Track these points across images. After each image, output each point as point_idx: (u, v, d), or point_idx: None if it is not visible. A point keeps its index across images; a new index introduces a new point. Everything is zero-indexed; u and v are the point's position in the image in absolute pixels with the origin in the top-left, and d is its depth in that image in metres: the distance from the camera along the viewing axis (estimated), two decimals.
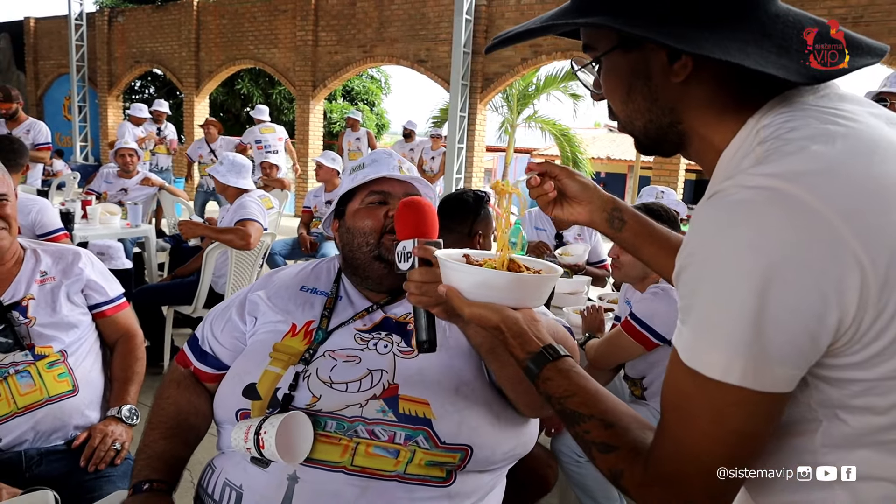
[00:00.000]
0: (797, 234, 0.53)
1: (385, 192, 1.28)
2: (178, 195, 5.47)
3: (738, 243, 0.55)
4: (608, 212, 0.98)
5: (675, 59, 0.65)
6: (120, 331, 1.76)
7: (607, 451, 0.69)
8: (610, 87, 0.73)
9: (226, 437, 1.20)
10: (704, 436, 0.61)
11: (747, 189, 0.56)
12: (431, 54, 10.07)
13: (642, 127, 0.73)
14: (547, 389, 0.77)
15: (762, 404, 0.58)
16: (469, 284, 0.83)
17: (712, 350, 0.58)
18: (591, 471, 1.98)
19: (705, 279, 0.58)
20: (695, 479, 0.62)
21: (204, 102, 13.21)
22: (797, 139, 0.58)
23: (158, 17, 13.47)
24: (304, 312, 1.25)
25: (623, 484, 0.68)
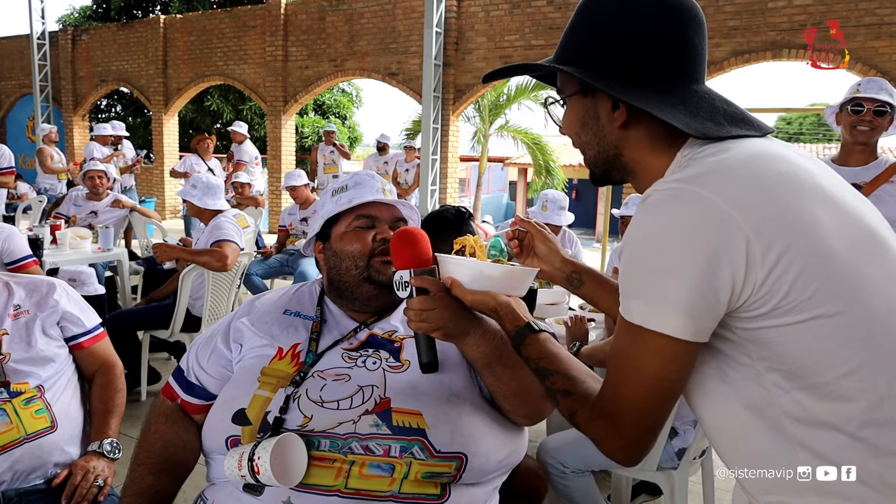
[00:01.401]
0: (692, 214, 0.71)
1: (372, 216, 1.31)
2: (150, 216, 5.39)
3: (650, 224, 0.75)
4: (567, 273, 1.17)
5: (616, 108, 0.84)
6: (98, 362, 1.72)
7: (566, 395, 0.89)
8: (568, 123, 0.93)
9: (216, 468, 1.18)
10: (631, 380, 0.78)
11: (659, 191, 0.76)
12: (402, 67, 10.09)
13: (593, 156, 0.91)
14: (527, 353, 0.96)
15: (673, 352, 0.74)
16: (469, 276, 1.01)
17: (639, 303, 0.75)
18: (576, 482, 1.99)
19: (634, 255, 0.76)
20: (625, 414, 0.79)
21: (173, 120, 13.04)
22: (700, 157, 0.78)
23: (124, 35, 13.29)
24: (290, 336, 1.26)
25: (577, 419, 0.87)
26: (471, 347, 1.08)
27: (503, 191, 22.00)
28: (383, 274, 1.25)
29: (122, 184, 7.77)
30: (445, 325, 1.03)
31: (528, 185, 18.61)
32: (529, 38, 9.04)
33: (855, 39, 7.09)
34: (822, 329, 0.70)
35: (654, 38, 0.82)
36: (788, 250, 0.69)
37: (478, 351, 1.08)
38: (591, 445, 2.08)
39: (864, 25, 7.05)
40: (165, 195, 13.03)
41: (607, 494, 2.36)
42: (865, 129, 2.39)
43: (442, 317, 1.02)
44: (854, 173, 2.40)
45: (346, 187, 1.35)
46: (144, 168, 13.20)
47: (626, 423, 0.80)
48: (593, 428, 0.84)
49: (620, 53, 0.83)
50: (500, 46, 9.29)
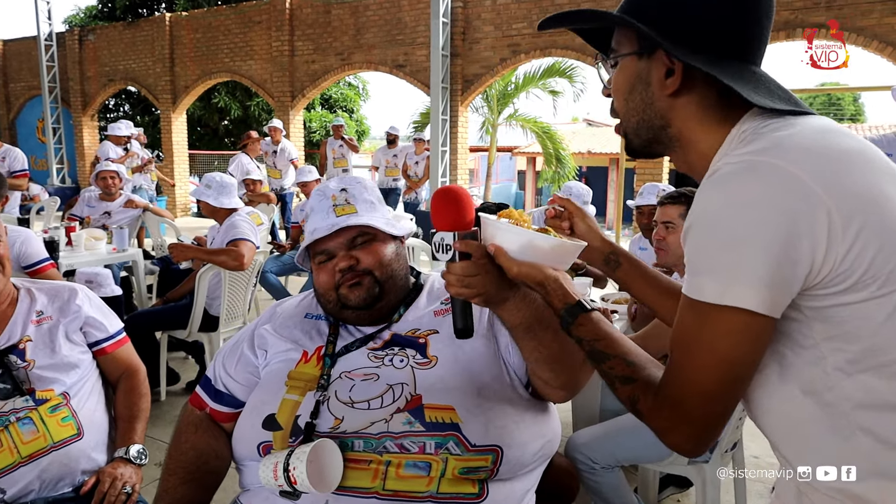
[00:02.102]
0: (771, 185, 0.68)
1: (326, 250, 1.26)
2: (163, 216, 5.39)
3: (724, 196, 0.71)
4: (606, 254, 1.13)
5: (669, 75, 0.81)
6: (122, 367, 1.70)
7: (626, 382, 0.83)
8: (617, 84, 0.87)
9: (248, 475, 1.17)
10: (700, 364, 0.74)
11: (730, 164, 0.72)
12: (409, 59, 10.03)
13: (636, 124, 0.87)
14: (579, 334, 0.90)
15: (749, 329, 0.70)
16: (517, 245, 0.95)
17: (713, 279, 0.71)
18: (605, 478, 1.96)
19: (705, 230, 0.72)
20: (693, 401, 0.74)
21: (181, 118, 13.07)
22: (766, 131, 0.75)
23: (130, 34, 13.30)
24: (313, 339, 1.26)
25: (639, 408, 0.81)
26: (510, 313, 1.04)
27: (512, 180, 21.92)
28: (351, 299, 1.23)
29: (133, 184, 7.75)
30: (488, 292, 0.98)
31: (537, 174, 18.52)
32: (537, 26, 8.94)
33: (871, 16, 6.96)
34: (880, 307, 0.69)
35: (725, 9, 0.78)
36: (867, 226, 0.68)
37: (518, 316, 1.04)
38: (620, 439, 2.05)
39: (879, 2, 6.91)
40: (176, 194, 13.08)
41: (634, 487, 2.32)
42: None
43: (484, 282, 0.97)
44: None
45: (307, 214, 1.34)
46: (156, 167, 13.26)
47: (695, 412, 0.75)
48: (657, 417, 0.79)
49: (686, 19, 0.79)
50: (508, 35, 9.20)
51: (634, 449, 1.99)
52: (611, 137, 18.76)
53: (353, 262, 1.23)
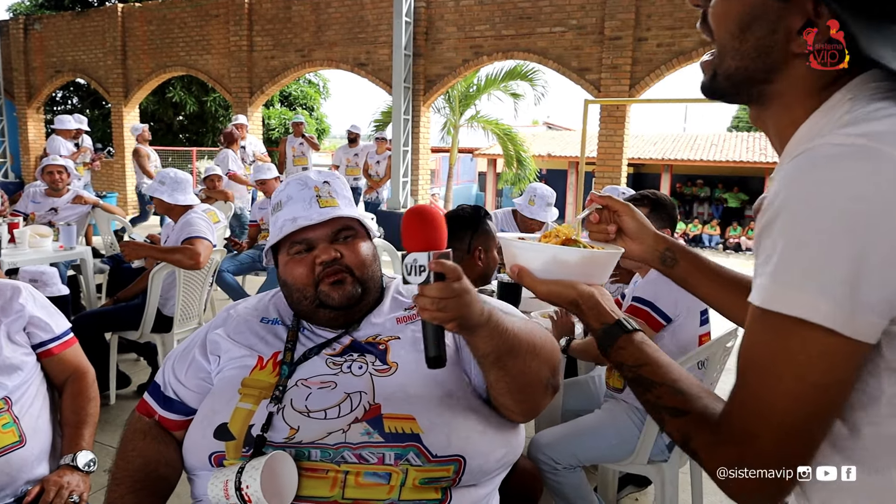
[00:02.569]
0: (888, 183, 0.55)
1: (307, 240, 1.20)
2: (113, 212, 5.20)
3: (831, 190, 0.57)
4: (661, 251, 1.00)
5: (803, 30, 0.65)
6: (69, 370, 1.62)
7: (677, 415, 0.72)
8: (730, 9, 0.70)
9: (200, 485, 1.12)
10: (783, 390, 0.61)
11: (836, 146, 0.59)
12: (371, 57, 9.96)
13: (732, 67, 0.71)
14: (620, 358, 0.80)
15: (846, 354, 0.58)
16: (541, 263, 0.85)
17: (800, 289, 0.58)
18: (567, 478, 1.97)
19: (796, 224, 0.59)
20: (768, 435, 0.62)
21: (134, 112, 12.66)
22: (880, 109, 0.61)
23: (80, 25, 12.81)
24: (269, 344, 1.21)
25: (693, 446, 0.70)
26: (483, 341, 0.97)
27: (473, 181, 22.00)
28: (333, 297, 1.17)
29: (87, 182, 7.48)
30: (463, 316, 0.90)
31: (497, 175, 18.64)
32: (500, 28, 9.00)
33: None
34: None
35: None
36: None
37: (490, 344, 0.98)
38: (581, 440, 2.06)
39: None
40: (127, 190, 12.66)
41: (594, 486, 2.34)
42: None
43: (460, 306, 0.89)
44: None
45: (280, 204, 1.23)
46: (105, 162, 12.80)
47: (769, 450, 0.62)
48: (720, 456, 0.65)
49: None
50: (471, 36, 9.23)
51: (596, 449, 2.01)
52: (570, 141, 19.04)
53: (336, 255, 1.18)
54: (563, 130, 23.33)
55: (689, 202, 17.87)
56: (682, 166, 17.26)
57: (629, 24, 8.18)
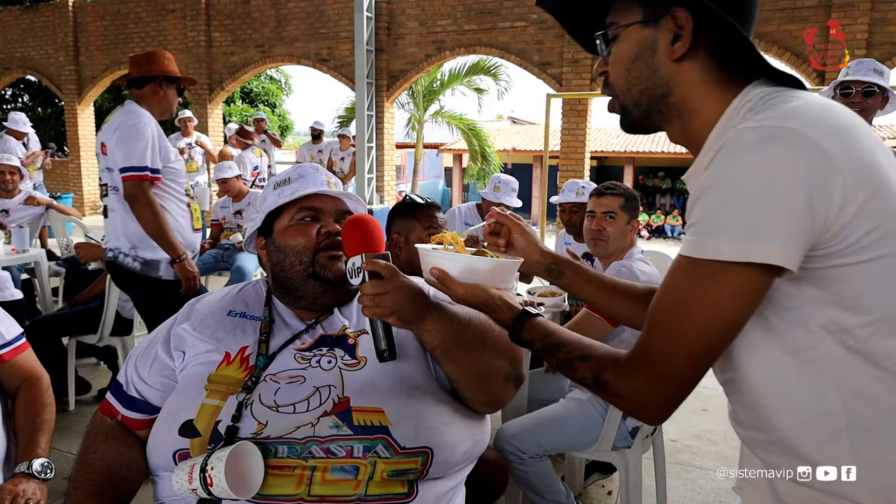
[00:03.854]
0: (794, 150, 0.70)
1: (316, 209, 1.26)
2: (68, 213, 5.04)
3: (750, 160, 0.71)
4: (546, 264, 1.12)
5: (676, 40, 0.81)
6: (22, 376, 1.57)
7: (587, 359, 0.85)
8: (619, 55, 0.87)
9: (163, 486, 1.10)
10: (694, 323, 0.74)
11: (750, 129, 0.72)
12: (333, 53, 9.87)
13: (637, 94, 0.86)
14: (529, 336, 0.93)
15: (756, 288, 0.72)
16: (457, 270, 0.98)
17: (736, 237, 0.70)
18: (534, 467, 2.00)
19: (727, 191, 0.71)
20: (677, 360, 0.75)
21: (88, 110, 12.30)
22: (776, 101, 0.76)
23: (29, 20, 12.37)
24: (237, 338, 1.19)
25: (604, 379, 0.81)
26: (429, 333, 1.04)
27: (439, 177, 22.01)
28: (329, 270, 1.20)
29: (38, 183, 7.19)
30: (401, 309, 0.98)
31: (463, 170, 18.68)
32: (462, 23, 9.01)
33: (771, 23, 7.44)
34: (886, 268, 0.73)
35: None
36: (870, 194, 0.71)
37: (436, 336, 1.04)
38: (547, 429, 2.09)
39: (779, 10, 7.40)
40: (84, 190, 12.30)
41: (561, 475, 2.38)
42: (856, 111, 2.41)
43: (396, 300, 0.97)
44: None
45: (288, 180, 1.29)
46: (59, 162, 12.41)
47: (675, 371, 0.75)
48: (629, 381, 0.79)
49: None
50: (433, 31, 9.22)
51: (561, 438, 2.04)
52: (534, 135, 19.17)
53: (339, 229, 1.21)
54: (527, 125, 23.47)
55: (652, 194, 18.19)
56: (645, 159, 17.57)
57: None
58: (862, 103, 2.40)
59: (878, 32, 6.94)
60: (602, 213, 2.24)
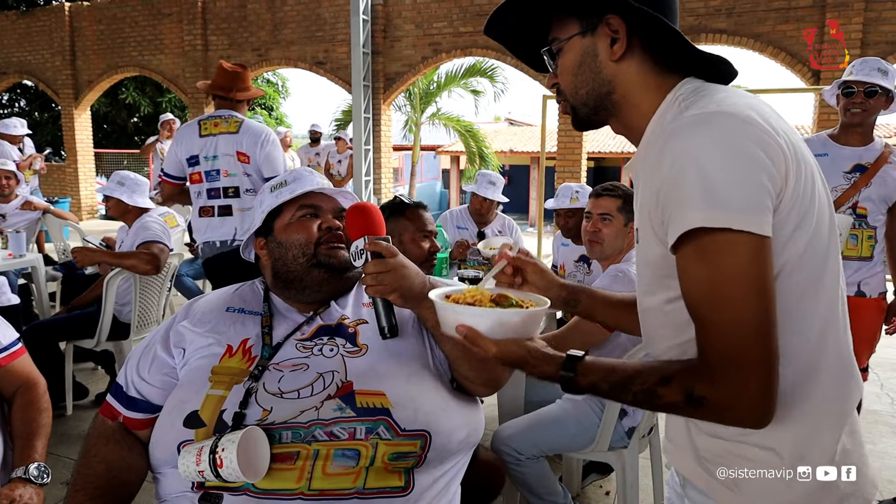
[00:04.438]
0: (741, 127, 0.76)
1: (316, 206, 1.33)
2: (65, 218, 5.04)
3: (702, 140, 0.76)
4: (563, 297, 1.14)
5: (614, 43, 0.89)
6: (18, 381, 1.57)
7: (668, 381, 0.79)
8: (565, 65, 0.95)
9: (166, 483, 1.12)
10: (739, 298, 0.73)
11: (689, 118, 0.79)
12: (330, 56, 9.88)
13: (585, 95, 0.94)
14: (590, 381, 0.86)
15: (759, 248, 0.74)
16: (486, 326, 0.90)
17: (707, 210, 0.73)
18: (531, 468, 2.00)
19: (683, 173, 0.75)
20: (749, 342, 0.73)
21: (85, 114, 12.29)
22: (707, 93, 0.84)
23: (25, 24, 12.37)
24: (237, 331, 1.24)
25: (697, 395, 0.76)
26: (429, 310, 1.06)
27: (436, 179, 22.02)
28: (332, 258, 1.27)
29: (33, 188, 7.15)
30: (402, 287, 1.05)
31: (461, 172, 18.69)
32: (458, 25, 9.02)
33: (766, 23, 7.46)
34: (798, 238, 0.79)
35: None
36: (799, 169, 0.79)
37: (435, 316, 1.05)
38: (544, 430, 2.09)
39: (773, 10, 7.42)
40: (81, 195, 12.29)
41: (559, 476, 2.39)
42: (858, 111, 2.38)
43: (397, 278, 1.04)
44: (858, 153, 2.42)
45: (285, 182, 1.35)
46: (56, 167, 12.41)
47: (755, 354, 0.73)
48: (725, 385, 0.74)
49: None
50: (429, 34, 9.23)
51: (558, 438, 2.04)
52: (532, 136, 19.19)
53: (340, 225, 1.31)
54: (524, 126, 23.50)
55: None
56: None
57: None
58: (864, 103, 2.37)
59: (873, 32, 6.97)
60: (598, 215, 2.22)
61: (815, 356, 0.81)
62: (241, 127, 3.05)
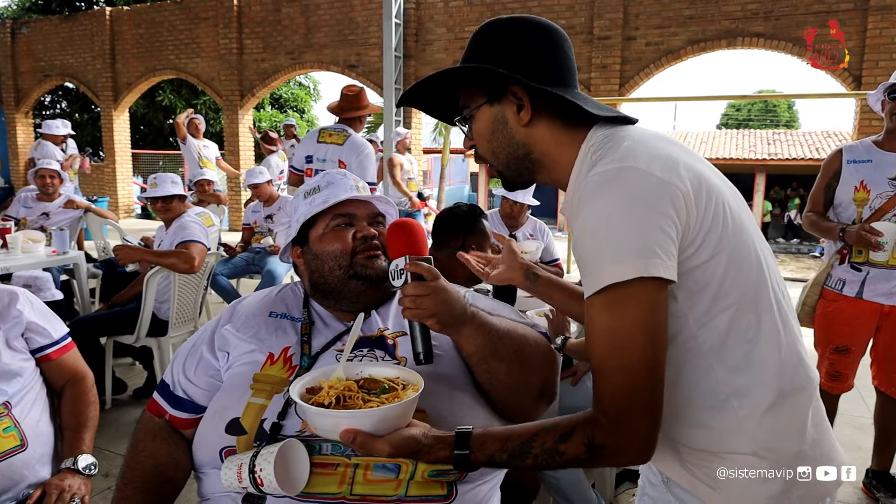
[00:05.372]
0: (641, 181, 0.81)
1: (350, 214, 1.29)
2: (106, 216, 5.17)
3: (608, 197, 0.82)
4: (524, 271, 1.29)
5: (520, 110, 0.94)
6: (68, 374, 1.62)
7: (568, 435, 0.83)
8: (479, 132, 0.99)
9: (208, 483, 1.13)
10: (635, 344, 0.79)
11: (598, 174, 0.84)
12: (362, 59, 9.96)
13: (504, 159, 0.98)
14: (486, 454, 0.88)
15: (658, 293, 0.79)
16: (373, 425, 0.90)
17: (615, 264, 0.79)
18: (564, 474, 1.99)
19: (599, 228, 0.81)
20: (642, 381, 0.79)
21: (123, 116, 12.60)
22: (613, 144, 0.88)
23: (68, 28, 12.74)
24: (279, 339, 1.22)
25: (598, 442, 0.81)
26: (467, 340, 1.06)
27: (465, 182, 22.02)
28: (370, 268, 1.23)
29: (75, 187, 7.37)
30: (440, 312, 1.00)
31: (489, 175, 18.66)
32: None
33: (804, 27, 7.31)
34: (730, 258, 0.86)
35: (540, 50, 0.95)
36: (705, 199, 0.85)
37: (474, 344, 1.06)
38: None
39: (811, 14, 7.27)
40: (118, 194, 12.60)
41: (591, 483, 2.37)
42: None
43: (436, 303, 0.99)
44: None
45: (318, 188, 1.32)
46: (95, 166, 12.73)
47: (648, 397, 0.79)
48: (621, 432, 0.80)
49: (524, 59, 0.93)
50: (461, 37, 9.25)
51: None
52: None
53: (375, 232, 1.27)
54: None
55: None
56: None
57: (618, 24, 8.23)
58: None
59: None
60: None
61: (765, 362, 0.87)
62: (347, 140, 3.87)
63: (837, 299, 2.45)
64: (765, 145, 19.06)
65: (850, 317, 2.43)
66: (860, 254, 2.39)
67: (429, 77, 0.98)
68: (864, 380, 2.68)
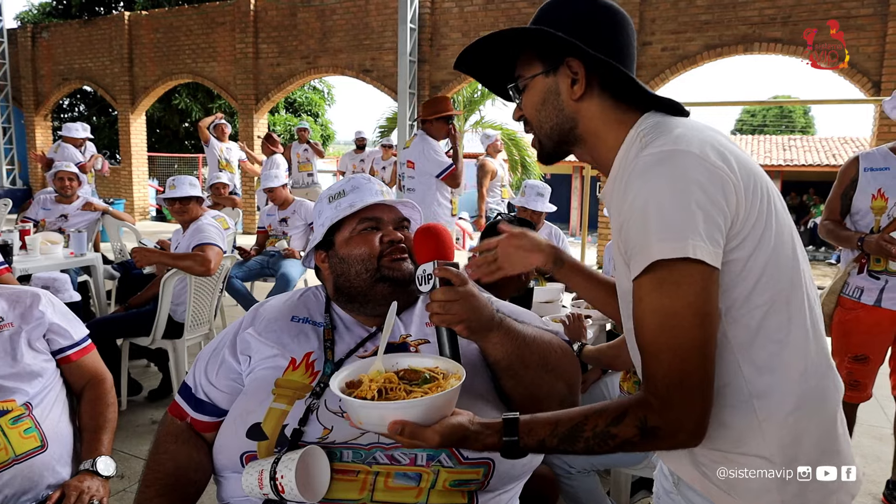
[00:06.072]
0: (695, 164, 0.81)
1: (377, 218, 1.29)
2: (123, 219, 5.22)
3: (661, 179, 0.81)
4: (553, 255, 1.24)
5: (574, 84, 0.94)
6: (87, 375, 1.64)
7: (621, 418, 0.82)
8: (530, 100, 0.99)
9: (228, 487, 1.13)
10: (686, 325, 0.78)
11: (651, 155, 0.84)
12: (377, 64, 10.00)
13: (549, 129, 0.98)
14: (537, 438, 0.87)
15: (709, 276, 0.79)
16: (420, 415, 0.88)
17: (662, 242, 0.78)
18: (581, 482, 1.98)
19: (645, 207, 0.80)
20: (692, 363, 0.78)
21: (140, 119, 12.73)
22: (664, 130, 0.88)
23: (87, 33, 12.91)
24: (301, 344, 1.22)
25: (651, 424, 0.80)
26: (494, 346, 1.05)
27: None
28: (397, 270, 1.23)
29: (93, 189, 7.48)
30: (469, 318, 1.00)
31: None
32: None
33: (822, 32, 7.24)
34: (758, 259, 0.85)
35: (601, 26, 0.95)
36: (754, 191, 0.84)
37: (501, 351, 1.05)
38: None
39: (830, 18, 7.20)
40: (134, 196, 12.73)
41: (607, 490, 2.35)
42: None
43: (465, 308, 0.99)
44: None
45: (343, 192, 1.32)
46: (112, 169, 12.85)
47: (698, 379, 0.79)
48: (673, 413, 0.79)
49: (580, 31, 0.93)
50: None
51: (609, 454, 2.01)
52: None
53: (402, 237, 1.27)
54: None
55: None
56: None
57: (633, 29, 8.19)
58: None
59: None
60: None
61: (790, 366, 0.86)
62: (413, 143, 4.41)
63: (855, 307, 2.42)
64: (780, 151, 18.91)
65: (869, 325, 2.40)
66: (879, 262, 2.36)
67: (488, 35, 0.97)
68: (882, 389, 2.64)
